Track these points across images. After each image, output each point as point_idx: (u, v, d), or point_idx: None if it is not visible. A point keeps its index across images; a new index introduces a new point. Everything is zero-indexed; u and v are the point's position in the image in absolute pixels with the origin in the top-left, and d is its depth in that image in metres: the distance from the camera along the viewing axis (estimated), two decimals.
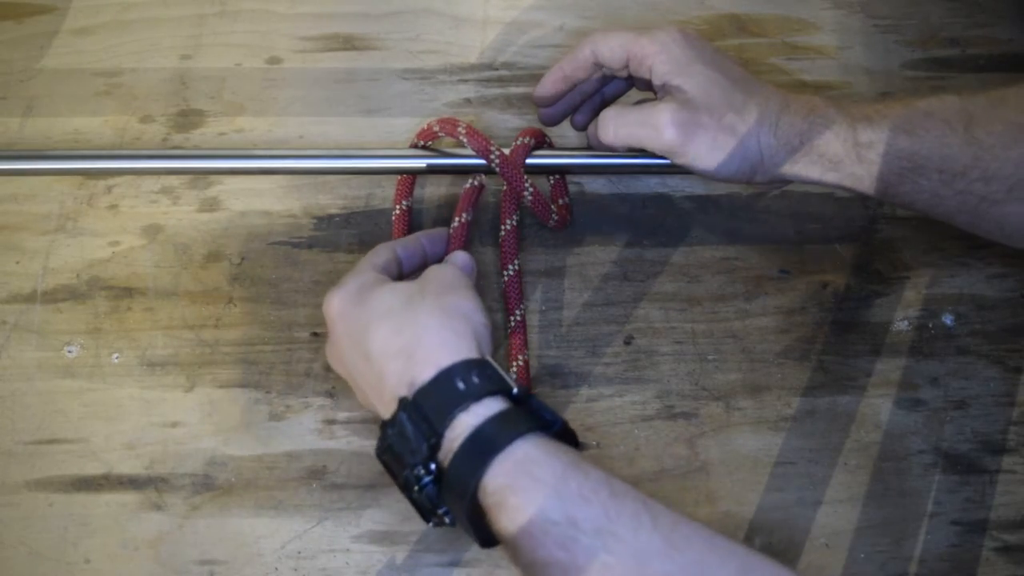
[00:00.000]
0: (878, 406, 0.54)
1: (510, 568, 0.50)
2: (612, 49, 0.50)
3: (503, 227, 0.54)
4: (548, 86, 0.53)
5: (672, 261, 0.57)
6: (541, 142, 0.56)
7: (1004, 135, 0.45)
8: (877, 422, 0.53)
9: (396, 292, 0.46)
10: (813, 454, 0.53)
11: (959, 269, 0.57)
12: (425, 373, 0.42)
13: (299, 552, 0.51)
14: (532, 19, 0.63)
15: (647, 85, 0.52)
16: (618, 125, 0.50)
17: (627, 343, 0.55)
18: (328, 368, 0.54)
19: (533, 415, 0.42)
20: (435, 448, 0.41)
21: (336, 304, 0.46)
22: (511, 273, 0.54)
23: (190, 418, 0.53)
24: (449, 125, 0.54)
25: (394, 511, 0.52)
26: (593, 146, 0.54)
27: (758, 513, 0.51)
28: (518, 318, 0.53)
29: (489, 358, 0.44)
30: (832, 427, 0.53)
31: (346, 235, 0.57)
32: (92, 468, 0.52)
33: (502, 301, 0.54)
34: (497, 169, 0.53)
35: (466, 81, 0.61)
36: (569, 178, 0.58)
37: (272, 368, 0.54)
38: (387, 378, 0.43)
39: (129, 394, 0.53)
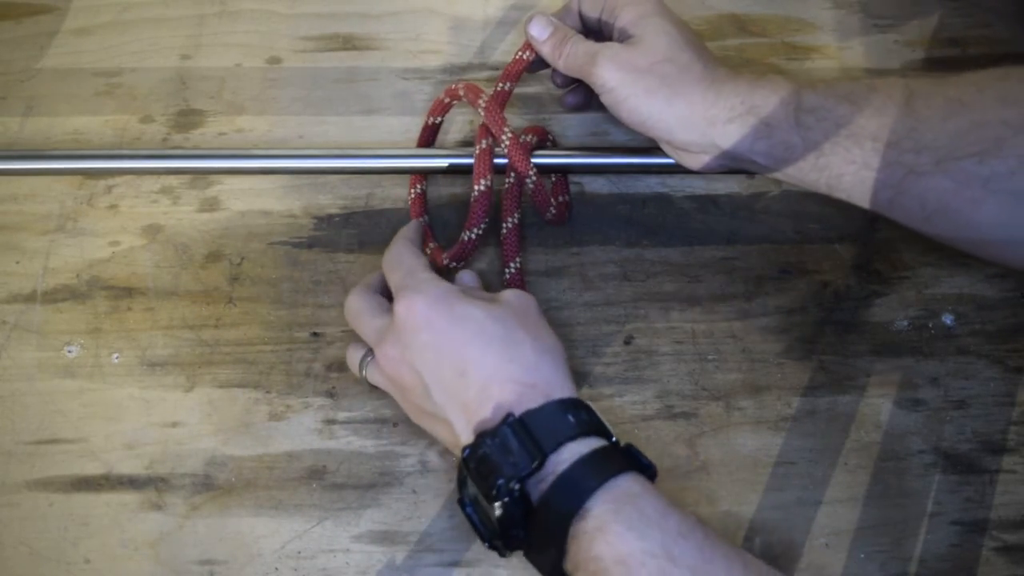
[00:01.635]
0: (878, 406, 0.54)
1: (509, 568, 0.50)
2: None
3: (504, 224, 0.54)
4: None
5: (672, 261, 0.57)
6: (543, 140, 0.56)
7: (942, 108, 0.45)
8: (877, 422, 0.53)
9: (488, 312, 0.46)
10: (813, 454, 0.53)
11: (959, 269, 0.57)
12: (535, 402, 0.43)
13: (299, 552, 0.51)
14: None
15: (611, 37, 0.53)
16: (569, 54, 0.51)
17: (627, 343, 0.55)
18: (329, 368, 0.54)
19: (633, 456, 0.43)
20: (537, 468, 0.41)
21: (423, 310, 0.46)
22: (512, 271, 0.54)
23: (190, 418, 0.53)
24: (472, 93, 0.54)
25: (394, 511, 0.52)
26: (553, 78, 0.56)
27: (758, 513, 0.51)
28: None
29: (590, 404, 0.45)
30: (832, 427, 0.53)
31: (346, 235, 0.57)
32: (92, 468, 0.52)
33: None
34: (505, 149, 0.53)
35: (466, 81, 0.61)
36: (569, 178, 0.58)
37: (272, 368, 0.54)
38: (487, 399, 0.43)
39: (129, 394, 0.53)
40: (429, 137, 0.58)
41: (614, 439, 0.43)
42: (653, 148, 0.57)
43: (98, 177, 0.58)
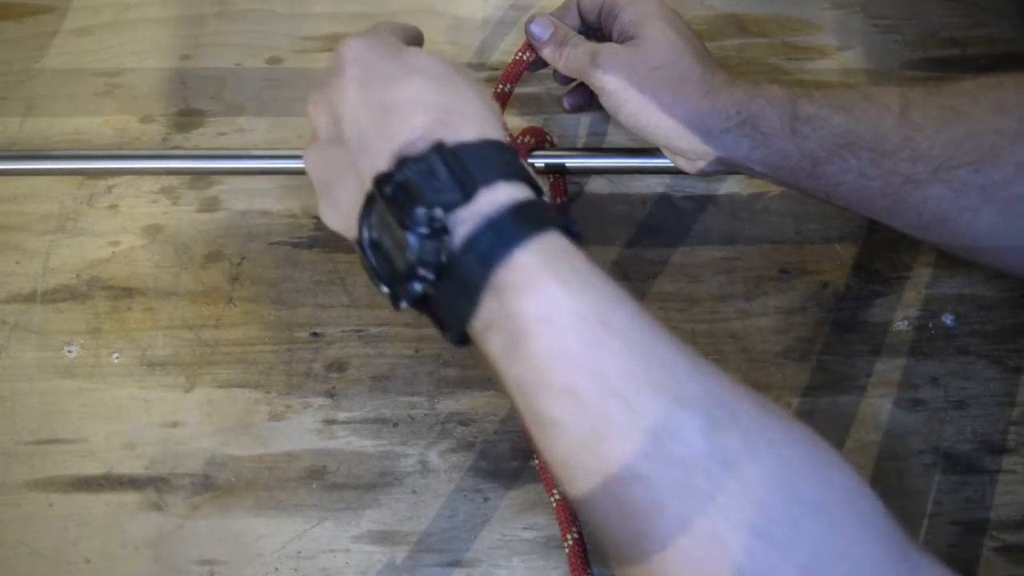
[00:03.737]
0: (878, 406, 0.54)
1: (509, 568, 0.50)
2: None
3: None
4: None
5: (672, 261, 0.57)
6: (542, 141, 0.56)
7: (938, 118, 0.45)
8: (877, 422, 0.53)
9: (433, 57, 0.41)
10: None
11: (959, 269, 0.57)
12: (468, 135, 0.38)
13: (299, 552, 0.51)
14: None
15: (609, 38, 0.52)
16: (568, 55, 0.51)
17: None
18: (329, 368, 0.54)
19: (559, 208, 0.39)
20: (464, 200, 0.36)
21: (358, 46, 0.41)
22: None
23: (190, 418, 0.53)
24: None
25: (394, 511, 0.52)
26: (555, 77, 0.56)
27: None
28: None
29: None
30: (832, 427, 0.53)
31: None
32: (92, 468, 0.52)
33: None
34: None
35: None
36: (569, 178, 0.58)
37: (272, 368, 0.54)
38: (409, 126, 0.38)
39: (129, 394, 0.53)
40: None
41: (544, 196, 0.39)
42: (653, 148, 0.57)
43: (98, 177, 0.58)
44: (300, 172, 0.58)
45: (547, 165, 0.56)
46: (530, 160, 0.54)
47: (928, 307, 0.56)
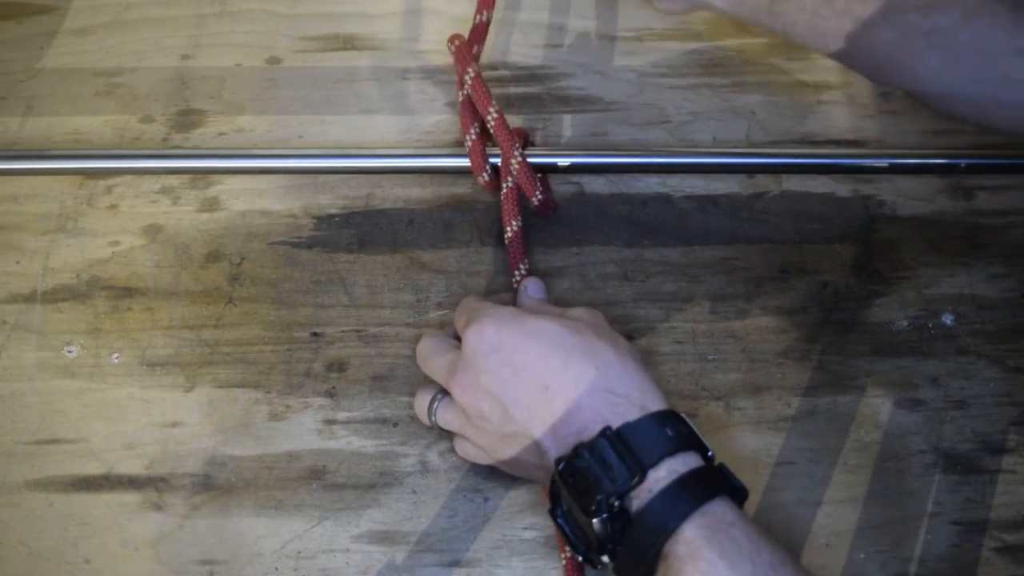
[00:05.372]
0: (878, 406, 0.54)
1: (509, 568, 0.50)
2: None
3: (508, 228, 0.54)
4: None
5: (672, 261, 0.57)
6: (525, 142, 0.56)
7: None
8: (877, 422, 0.53)
9: (561, 324, 0.46)
10: (813, 454, 0.53)
11: (959, 269, 0.57)
12: (630, 414, 0.42)
13: (299, 552, 0.51)
14: (532, 19, 0.63)
15: None
16: None
17: None
18: (329, 368, 0.54)
19: (726, 478, 0.42)
20: (638, 483, 0.40)
21: (493, 332, 0.45)
22: (522, 272, 0.53)
23: (190, 418, 0.53)
24: (460, 61, 0.54)
25: (394, 511, 0.52)
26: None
27: (758, 513, 0.51)
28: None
29: (683, 415, 0.44)
30: (832, 427, 0.53)
31: (346, 235, 0.57)
32: (92, 468, 0.52)
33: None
34: (492, 129, 0.53)
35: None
36: (569, 178, 0.58)
37: (272, 368, 0.54)
38: (576, 410, 0.43)
39: (129, 394, 0.53)
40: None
41: (710, 453, 0.43)
42: (653, 148, 0.57)
43: (98, 177, 0.58)
44: (300, 172, 0.58)
45: (548, 164, 0.56)
46: (530, 159, 0.54)
47: (928, 307, 0.56)
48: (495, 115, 0.53)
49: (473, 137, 0.54)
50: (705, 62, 0.61)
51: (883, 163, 0.58)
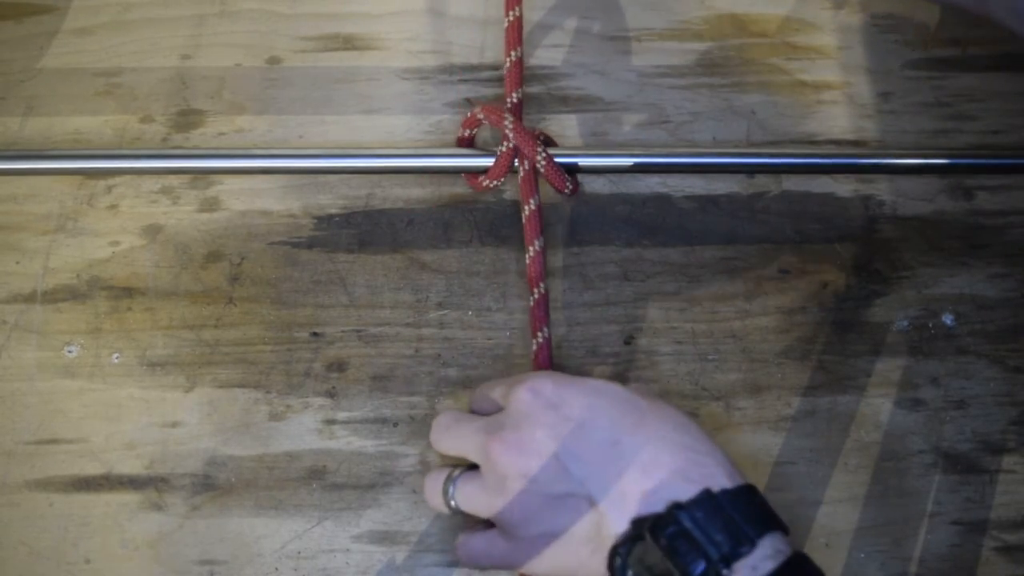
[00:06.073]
0: (878, 406, 0.54)
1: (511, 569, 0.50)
2: None
3: (526, 207, 0.54)
4: None
5: (672, 261, 0.57)
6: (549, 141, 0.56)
7: None
8: (877, 422, 0.53)
9: (625, 387, 0.42)
10: (813, 454, 0.53)
11: (959, 269, 0.57)
12: (719, 477, 0.39)
13: (299, 552, 0.51)
14: (532, 19, 0.63)
15: None
16: None
17: (627, 343, 0.55)
18: (329, 368, 0.54)
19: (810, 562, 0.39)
20: (740, 555, 0.37)
21: (550, 386, 0.41)
22: (537, 249, 0.53)
23: (190, 418, 0.53)
24: (494, 115, 0.54)
25: (394, 511, 0.52)
26: None
27: None
28: (541, 291, 0.53)
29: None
30: (832, 427, 0.53)
31: (346, 235, 0.57)
32: (92, 468, 0.52)
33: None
34: (511, 133, 0.53)
35: (466, 81, 0.61)
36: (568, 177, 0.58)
37: (272, 368, 0.54)
38: (655, 467, 0.39)
39: (129, 394, 0.53)
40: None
41: (787, 531, 0.40)
42: (653, 148, 0.57)
43: (98, 177, 0.58)
44: (300, 172, 0.58)
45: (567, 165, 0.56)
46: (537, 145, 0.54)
47: (928, 307, 0.56)
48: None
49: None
50: (705, 62, 0.61)
51: (883, 163, 0.58)
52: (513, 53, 0.56)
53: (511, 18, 0.57)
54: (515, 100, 0.55)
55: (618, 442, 0.39)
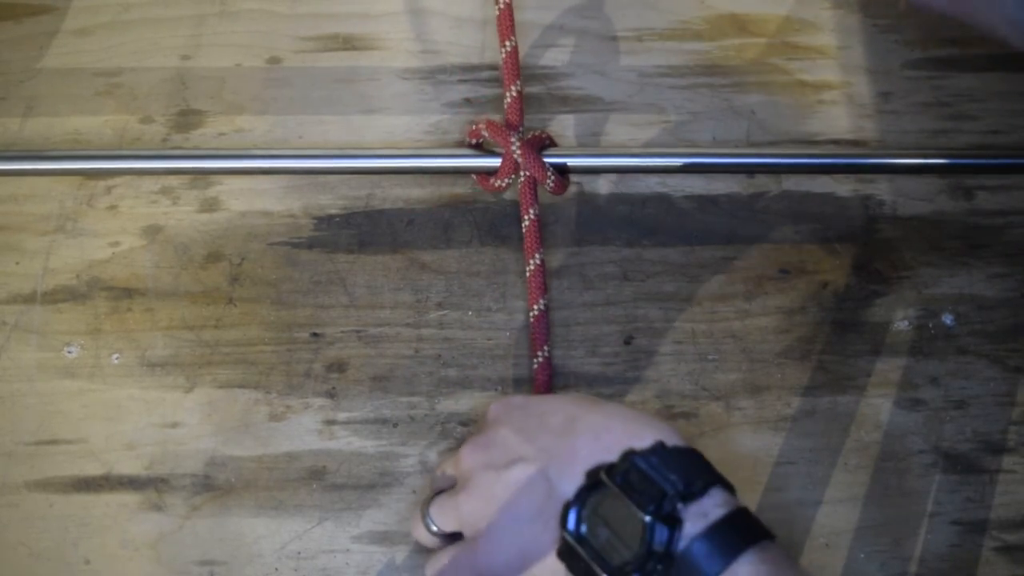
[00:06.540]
0: (878, 406, 0.54)
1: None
2: None
3: (526, 217, 0.54)
4: None
5: (672, 261, 0.57)
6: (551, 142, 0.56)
7: None
8: (877, 422, 0.53)
9: (562, 397, 0.47)
10: (813, 454, 0.53)
11: (959, 269, 0.57)
12: (672, 440, 0.41)
13: (299, 552, 0.51)
14: (532, 19, 0.63)
15: None
16: None
17: (627, 343, 0.55)
18: (329, 368, 0.54)
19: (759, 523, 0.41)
20: (697, 497, 0.39)
21: (517, 399, 0.47)
22: (537, 263, 0.53)
23: (190, 418, 0.53)
24: (500, 136, 0.54)
25: (394, 511, 0.52)
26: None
27: (758, 513, 0.51)
28: (541, 308, 0.53)
29: None
30: (832, 427, 0.53)
31: (346, 235, 0.57)
32: (92, 468, 0.52)
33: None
34: (518, 156, 0.54)
35: (466, 81, 0.60)
36: (570, 178, 0.58)
37: (272, 368, 0.54)
38: (607, 432, 0.42)
39: (129, 394, 0.53)
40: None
41: (735, 492, 0.42)
42: (653, 148, 0.57)
43: (98, 177, 0.58)
44: (300, 172, 0.58)
45: (548, 164, 0.56)
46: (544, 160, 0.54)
47: (928, 307, 0.56)
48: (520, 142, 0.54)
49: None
50: (705, 62, 0.61)
51: (883, 163, 0.58)
52: (508, 43, 0.55)
53: (501, 6, 0.56)
54: (514, 94, 0.55)
55: (574, 419, 0.43)
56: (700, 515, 0.38)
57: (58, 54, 0.61)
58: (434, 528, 0.47)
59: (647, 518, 0.37)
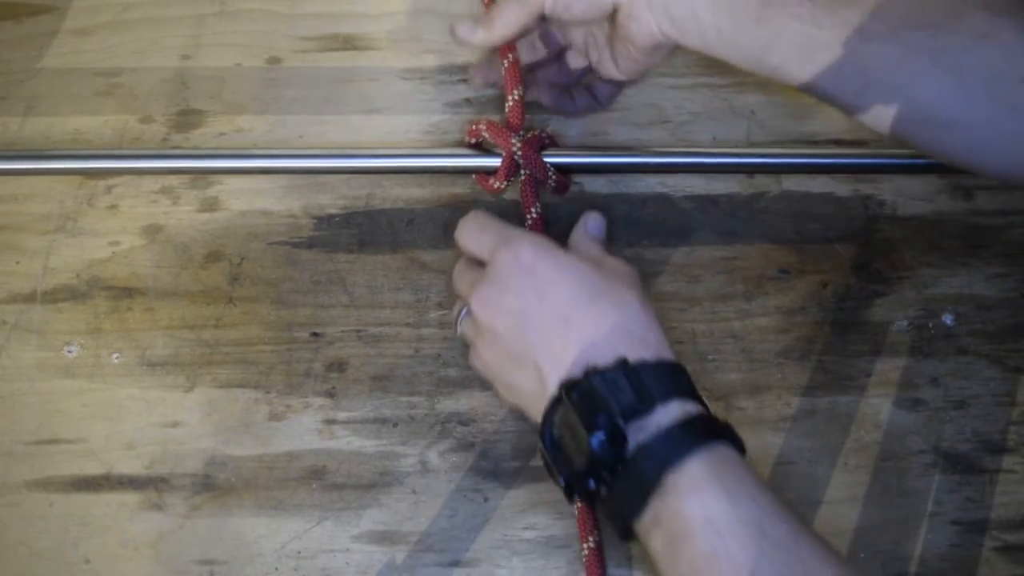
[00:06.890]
0: (878, 406, 0.54)
1: (510, 568, 0.50)
2: None
3: (528, 216, 0.54)
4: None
5: (672, 261, 0.57)
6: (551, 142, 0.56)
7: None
8: (877, 422, 0.53)
9: (595, 268, 0.46)
10: (813, 454, 0.53)
11: (959, 269, 0.57)
12: (647, 356, 0.43)
13: (299, 552, 0.51)
14: None
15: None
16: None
17: None
18: (329, 368, 0.54)
19: (731, 432, 0.42)
20: (644, 412, 0.41)
21: (530, 255, 0.46)
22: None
23: (190, 418, 0.53)
24: (500, 137, 0.54)
25: (394, 511, 0.52)
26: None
27: None
28: None
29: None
30: (832, 427, 0.53)
31: (346, 235, 0.57)
32: (92, 468, 0.52)
33: None
34: (518, 156, 0.54)
35: (466, 81, 0.60)
36: (571, 177, 0.58)
37: (272, 368, 0.54)
38: (592, 346, 0.43)
39: (129, 394, 0.53)
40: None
41: (707, 404, 0.43)
42: (653, 148, 0.57)
43: (98, 177, 0.58)
44: (300, 172, 0.58)
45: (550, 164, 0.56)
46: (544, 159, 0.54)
47: (928, 307, 0.56)
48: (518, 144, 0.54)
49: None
50: (705, 62, 0.61)
51: (883, 163, 0.58)
52: (508, 57, 0.55)
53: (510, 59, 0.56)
54: (516, 98, 0.55)
55: (568, 319, 0.44)
56: (653, 425, 0.40)
57: (58, 54, 0.61)
58: (459, 331, 0.50)
59: (589, 434, 0.40)
